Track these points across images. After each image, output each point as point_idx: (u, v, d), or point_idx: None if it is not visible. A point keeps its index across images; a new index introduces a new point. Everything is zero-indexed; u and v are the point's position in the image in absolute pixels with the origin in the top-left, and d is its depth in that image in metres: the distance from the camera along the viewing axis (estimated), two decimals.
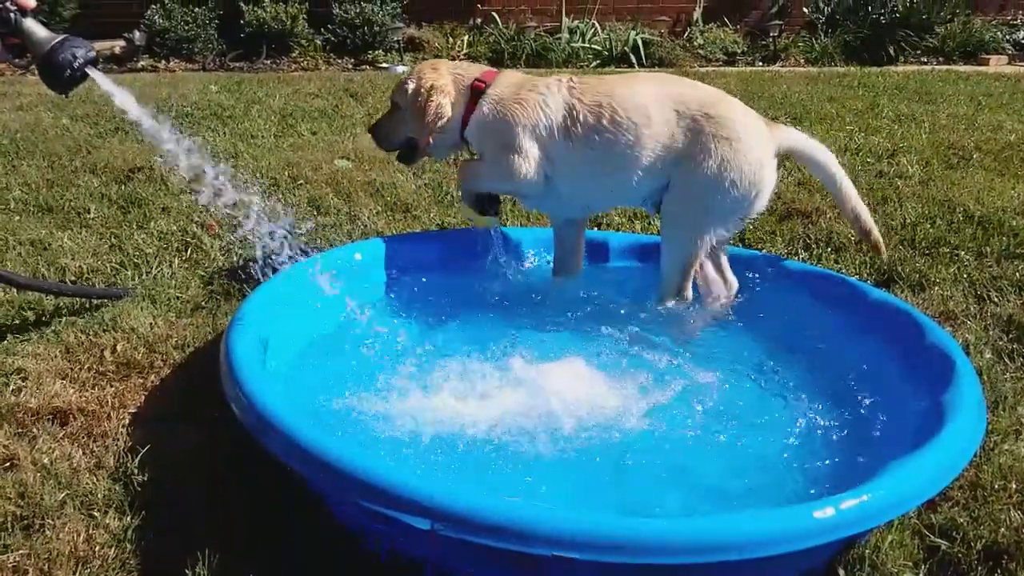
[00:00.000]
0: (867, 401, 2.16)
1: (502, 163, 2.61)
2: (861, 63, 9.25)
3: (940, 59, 9.71)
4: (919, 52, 9.69)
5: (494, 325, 2.61)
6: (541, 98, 2.58)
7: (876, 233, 2.67)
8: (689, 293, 2.61)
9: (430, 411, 2.08)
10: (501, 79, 2.68)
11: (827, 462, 1.97)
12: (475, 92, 2.67)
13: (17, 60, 2.03)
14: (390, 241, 2.88)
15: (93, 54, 2.07)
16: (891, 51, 9.45)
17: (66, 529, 1.71)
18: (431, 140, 2.71)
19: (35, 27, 1.99)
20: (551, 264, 2.90)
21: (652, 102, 2.51)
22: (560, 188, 2.66)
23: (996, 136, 5.23)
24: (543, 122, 2.56)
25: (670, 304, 2.61)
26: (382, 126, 2.87)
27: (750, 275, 2.78)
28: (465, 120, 2.68)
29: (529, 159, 2.58)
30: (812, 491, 1.84)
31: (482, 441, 1.97)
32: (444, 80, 2.67)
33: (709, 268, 2.69)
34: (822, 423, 2.12)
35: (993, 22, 10.52)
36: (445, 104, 2.65)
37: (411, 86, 2.69)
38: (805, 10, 10.20)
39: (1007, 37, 10.19)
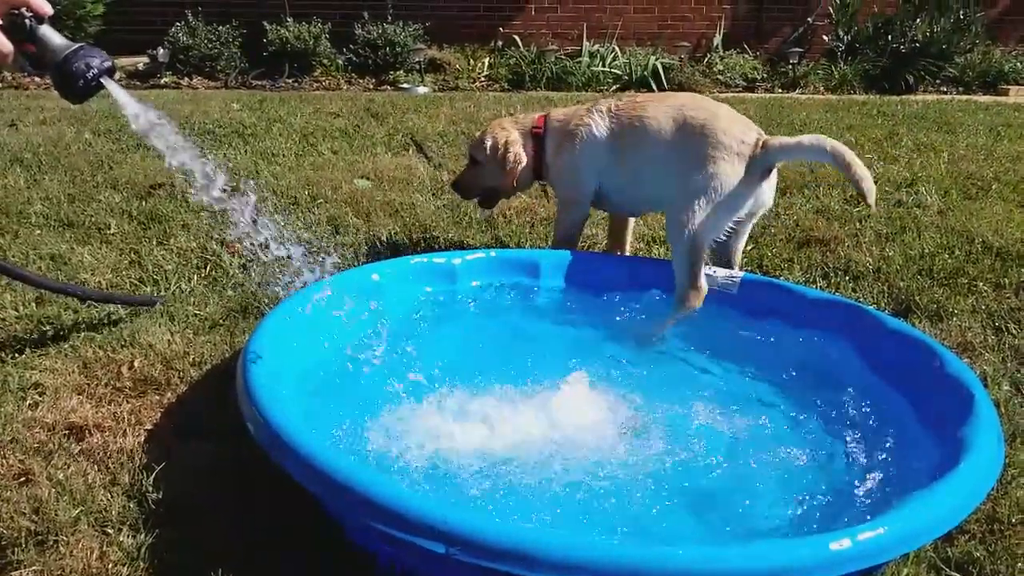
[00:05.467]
0: (884, 432, 2.14)
1: (563, 198, 3.23)
2: (880, 91, 9.24)
3: (959, 89, 9.68)
4: (938, 81, 9.68)
5: (520, 351, 2.63)
6: (587, 130, 3.05)
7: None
8: (702, 283, 2.79)
9: (443, 435, 2.08)
10: (551, 122, 3.20)
11: (844, 494, 1.95)
12: (536, 138, 3.22)
13: (40, 72, 2.01)
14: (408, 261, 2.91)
15: (109, 64, 2.01)
16: (910, 80, 9.44)
17: (80, 546, 1.71)
18: (513, 184, 3.25)
19: (51, 34, 1.94)
20: None
21: (670, 123, 2.89)
22: (609, 196, 3.14)
23: (1015, 167, 5.20)
24: (591, 151, 3.05)
25: (689, 298, 2.77)
26: (464, 180, 3.40)
27: (764, 302, 2.78)
28: (533, 164, 3.23)
29: (584, 191, 3.13)
30: (828, 522, 1.82)
31: (494, 466, 1.96)
32: (514, 135, 3.22)
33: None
34: (838, 454, 2.11)
35: (1013, 53, 10.51)
36: (521, 154, 3.21)
37: (489, 143, 3.23)
38: (825, 38, 10.23)
39: None
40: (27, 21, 1.87)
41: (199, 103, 6.68)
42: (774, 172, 2.84)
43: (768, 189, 2.85)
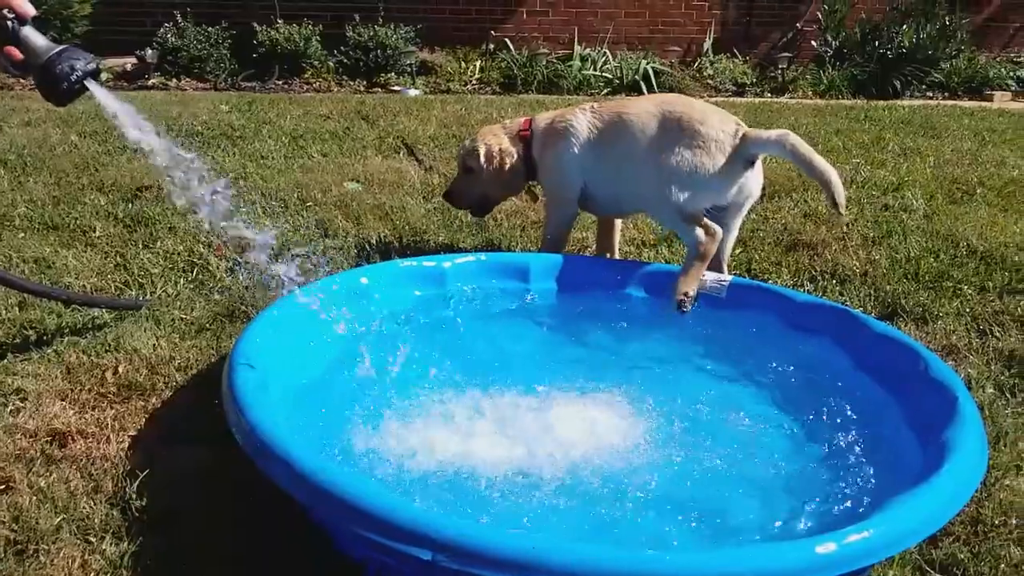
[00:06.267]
0: (869, 436, 2.15)
1: (551, 195, 3.26)
2: (868, 96, 9.31)
3: (945, 94, 9.78)
4: (924, 87, 9.76)
5: (510, 355, 2.62)
6: (570, 126, 3.11)
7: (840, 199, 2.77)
8: (713, 227, 2.86)
9: (433, 441, 2.06)
10: (537, 124, 3.25)
11: (829, 497, 1.95)
12: (524, 140, 3.24)
13: (22, 74, 1.97)
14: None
15: (93, 66, 1.99)
16: (897, 85, 9.51)
17: (61, 555, 1.68)
18: (507, 189, 3.34)
19: (34, 36, 1.92)
20: None
21: (650, 118, 2.97)
22: (595, 193, 3.16)
23: (999, 172, 5.25)
24: (576, 147, 3.09)
25: (704, 244, 2.83)
26: (458, 189, 3.40)
27: (753, 306, 2.79)
28: (524, 166, 3.26)
29: (571, 187, 3.16)
30: (814, 526, 1.83)
31: (484, 475, 1.95)
32: (506, 141, 3.25)
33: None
34: (824, 458, 2.11)
35: (997, 59, 10.63)
36: (517, 163, 3.24)
37: (482, 151, 3.24)
38: (814, 43, 10.30)
39: (1011, 73, 10.28)
40: (9, 23, 1.84)
41: (187, 105, 6.64)
42: (758, 163, 2.92)
43: (754, 179, 2.93)
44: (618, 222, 3.45)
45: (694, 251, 2.86)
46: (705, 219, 2.87)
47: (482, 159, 3.24)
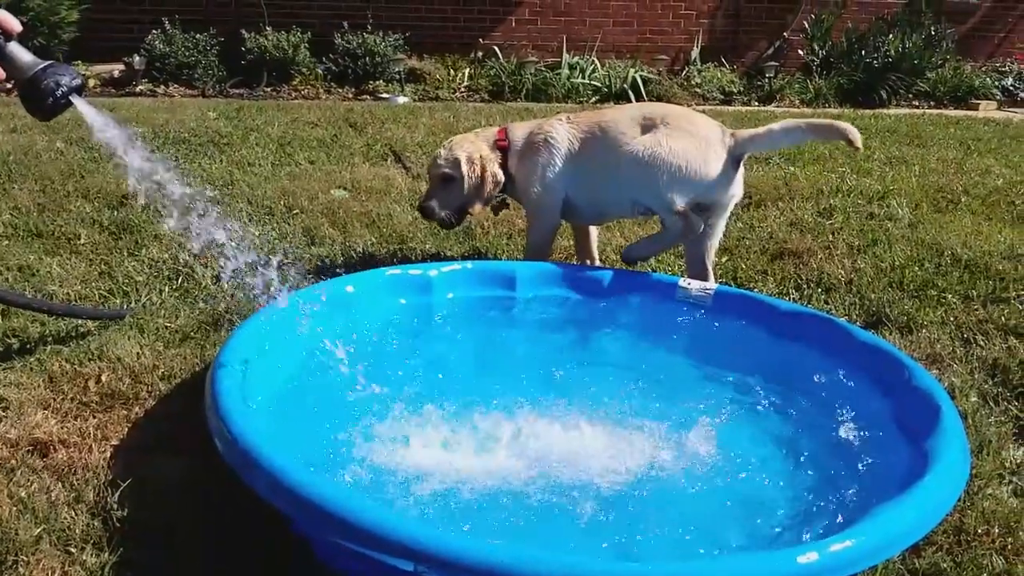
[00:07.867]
0: (852, 445, 2.16)
1: (533, 206, 3.21)
2: (854, 105, 9.40)
3: (931, 103, 9.89)
4: (911, 96, 9.87)
5: (497, 364, 2.62)
6: (550, 137, 3.11)
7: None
8: (696, 223, 2.93)
9: (420, 451, 2.06)
10: (514, 135, 3.22)
11: (811, 506, 1.95)
12: (501, 151, 3.20)
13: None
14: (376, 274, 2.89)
15: (78, 82, 1.99)
16: (883, 94, 9.61)
17: (40, 566, 1.67)
18: (486, 199, 3.21)
19: (19, 52, 1.92)
20: None
21: (632, 124, 3.01)
22: (577, 203, 3.17)
23: (984, 180, 5.29)
24: (558, 158, 3.10)
25: (680, 229, 2.95)
26: (435, 200, 3.24)
27: (737, 314, 2.80)
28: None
29: (554, 199, 3.15)
30: (796, 536, 1.83)
31: (470, 486, 1.95)
32: (486, 150, 3.17)
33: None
34: (805, 467, 2.12)
35: (983, 68, 10.76)
36: (499, 171, 3.17)
37: (463, 158, 3.13)
38: (800, 52, 10.39)
39: (996, 83, 10.41)
40: None
41: (175, 111, 6.62)
42: (742, 164, 3.01)
43: (739, 179, 3.01)
44: (594, 229, 3.47)
45: (670, 234, 2.97)
46: (690, 213, 2.91)
47: (464, 168, 3.15)
